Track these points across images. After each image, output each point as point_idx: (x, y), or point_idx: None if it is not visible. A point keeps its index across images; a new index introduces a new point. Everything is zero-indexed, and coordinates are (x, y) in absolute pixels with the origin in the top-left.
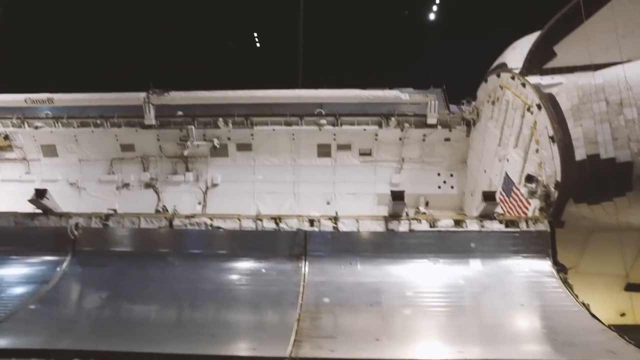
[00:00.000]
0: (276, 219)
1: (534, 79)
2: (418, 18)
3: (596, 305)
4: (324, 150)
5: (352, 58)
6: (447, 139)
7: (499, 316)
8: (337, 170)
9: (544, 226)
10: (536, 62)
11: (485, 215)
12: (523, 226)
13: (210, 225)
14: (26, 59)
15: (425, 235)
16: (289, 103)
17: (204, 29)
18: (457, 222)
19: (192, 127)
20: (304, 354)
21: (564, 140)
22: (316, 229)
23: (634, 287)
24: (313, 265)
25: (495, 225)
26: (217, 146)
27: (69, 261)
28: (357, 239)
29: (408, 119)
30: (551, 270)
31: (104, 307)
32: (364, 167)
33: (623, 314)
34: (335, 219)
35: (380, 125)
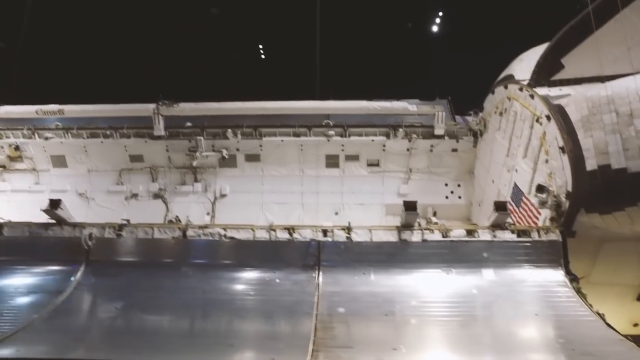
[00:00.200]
0: (290, 229)
1: (542, 91)
2: (421, 30)
3: (608, 316)
4: (332, 161)
5: (356, 70)
6: (455, 150)
7: (514, 326)
8: (345, 180)
9: (555, 236)
10: (544, 74)
11: (497, 225)
12: (535, 236)
13: (224, 235)
14: (37, 70)
15: (437, 245)
16: (297, 114)
17: (211, 41)
18: (469, 232)
19: (201, 138)
20: None
21: (574, 151)
22: (329, 239)
23: None
24: (327, 275)
25: (507, 235)
26: (226, 157)
27: (82, 271)
28: (370, 249)
29: (415, 130)
30: (564, 280)
31: (118, 317)
32: (371, 178)
33: (636, 324)
34: (348, 229)
35: (388, 136)
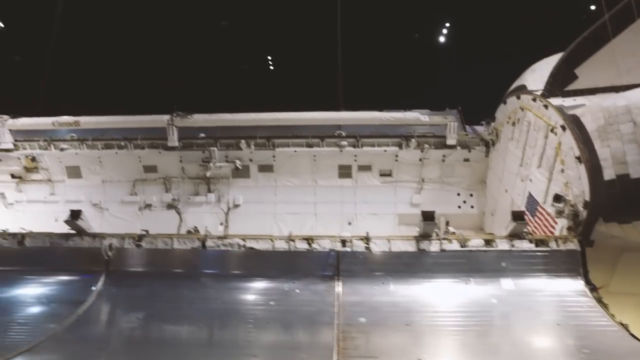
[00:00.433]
0: (308, 240)
1: (556, 101)
2: (428, 41)
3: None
4: (344, 172)
5: (364, 81)
6: (467, 160)
7: (536, 335)
8: (358, 190)
9: (574, 245)
10: (558, 85)
11: (515, 235)
12: (553, 245)
13: (243, 245)
14: (53, 83)
15: (456, 254)
16: (309, 125)
17: (221, 53)
18: (487, 242)
19: (215, 149)
20: None
21: (591, 161)
22: (348, 249)
23: None
24: (346, 286)
25: (525, 245)
26: (239, 167)
27: (103, 281)
28: (389, 259)
29: (428, 140)
30: (584, 290)
31: (139, 328)
32: (384, 188)
33: None
34: (367, 240)
35: (400, 147)
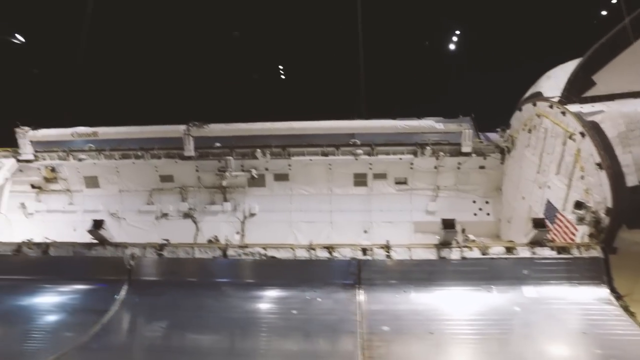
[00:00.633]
0: (329, 248)
1: (573, 108)
2: (438, 48)
3: None
4: (360, 180)
5: (376, 89)
6: (482, 167)
7: (562, 344)
8: (373, 199)
9: (596, 252)
10: (575, 91)
11: (536, 242)
12: (575, 253)
13: (264, 254)
14: (71, 95)
15: (477, 262)
16: (322, 134)
17: (233, 63)
18: (508, 249)
19: (231, 158)
20: None
21: (612, 167)
22: (369, 257)
23: None
24: (368, 294)
25: (546, 252)
26: (255, 176)
27: (125, 290)
28: (410, 267)
29: (443, 148)
30: (609, 298)
31: (163, 336)
32: (399, 196)
33: None
34: (387, 248)
35: (415, 154)
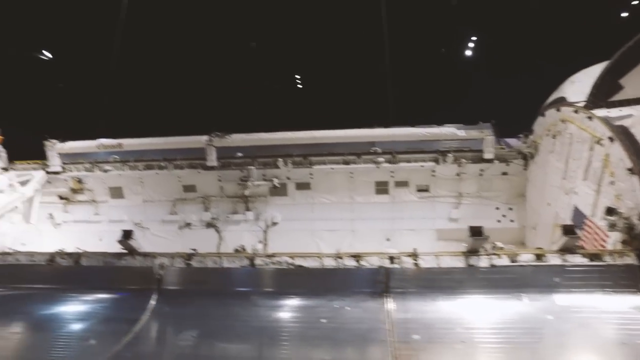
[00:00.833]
0: (356, 257)
1: (600, 112)
2: (454, 55)
3: None
4: (381, 188)
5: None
6: (505, 173)
7: (602, 354)
8: (395, 206)
9: (631, 259)
10: (601, 95)
11: (566, 249)
12: (608, 259)
13: (292, 264)
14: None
15: (506, 270)
16: (342, 142)
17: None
18: (538, 257)
19: (253, 168)
20: None
21: None
22: (397, 265)
23: None
24: (396, 302)
25: (577, 259)
26: (277, 185)
27: (155, 300)
28: (438, 275)
29: (465, 155)
30: None
31: (194, 345)
32: (422, 203)
33: None
34: (415, 256)
35: (437, 162)
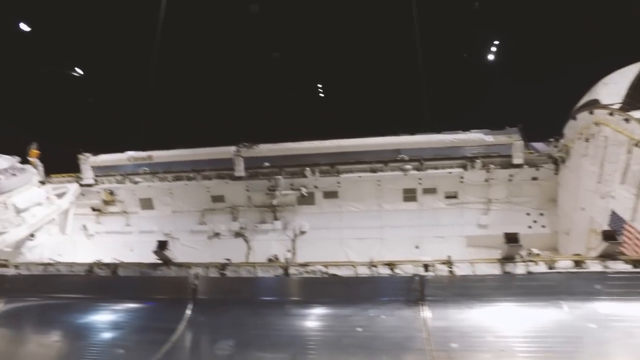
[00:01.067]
0: (390, 265)
1: (637, 114)
2: (476, 60)
3: None
4: (409, 195)
5: (413, 102)
6: (535, 178)
7: None
8: (424, 214)
9: None
10: (638, 97)
11: (607, 255)
12: None
13: (326, 272)
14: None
15: (544, 277)
16: (371, 150)
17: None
18: (577, 263)
19: (280, 177)
20: None
21: None
22: (431, 273)
23: None
24: (432, 311)
25: (619, 266)
26: (305, 195)
27: (191, 309)
28: (474, 283)
29: (493, 160)
30: None
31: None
32: (450, 210)
33: None
34: (449, 263)
35: (465, 168)
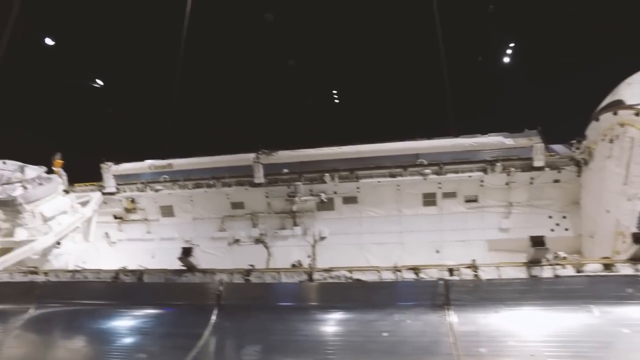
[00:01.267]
0: (415, 269)
1: None
2: (491, 62)
3: None
4: (429, 199)
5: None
6: (557, 181)
7: None
8: (444, 218)
9: None
10: None
11: (637, 258)
12: None
13: (350, 277)
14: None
15: (572, 281)
16: (390, 155)
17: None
18: (607, 266)
19: (300, 184)
20: None
21: None
22: (457, 277)
23: None
24: (458, 315)
25: None
26: (324, 200)
27: (216, 315)
28: (500, 287)
29: (513, 163)
30: None
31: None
32: (470, 214)
33: None
34: (475, 267)
35: (485, 171)
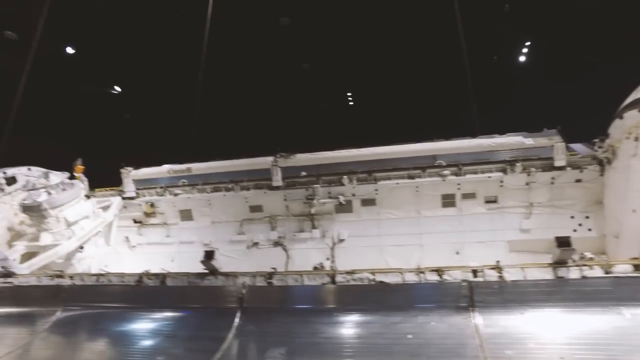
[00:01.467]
0: (438, 271)
1: None
2: (506, 62)
3: None
4: (448, 201)
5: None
6: (578, 180)
7: None
8: (463, 219)
9: None
10: None
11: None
12: None
13: (373, 280)
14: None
15: (600, 282)
16: (408, 157)
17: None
18: (636, 267)
19: (318, 186)
20: None
21: None
22: (481, 279)
23: None
24: (483, 317)
25: None
26: (343, 203)
27: (239, 318)
28: (526, 288)
29: (534, 163)
30: None
31: None
32: (490, 215)
33: None
34: (499, 269)
35: (504, 172)
